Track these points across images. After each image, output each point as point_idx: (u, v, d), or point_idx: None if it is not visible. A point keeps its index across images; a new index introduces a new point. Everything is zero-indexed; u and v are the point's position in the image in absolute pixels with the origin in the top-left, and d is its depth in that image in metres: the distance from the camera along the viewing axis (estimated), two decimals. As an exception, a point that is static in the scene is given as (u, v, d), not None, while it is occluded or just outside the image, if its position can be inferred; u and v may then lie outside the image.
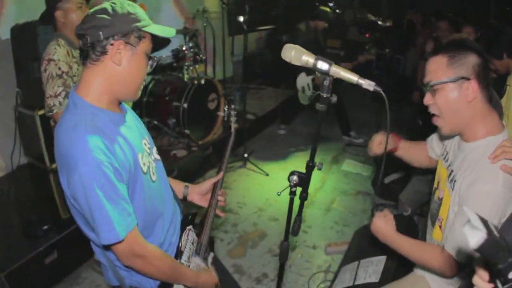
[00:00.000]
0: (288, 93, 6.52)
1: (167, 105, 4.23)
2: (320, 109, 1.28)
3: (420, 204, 3.38)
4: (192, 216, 1.68)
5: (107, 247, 1.28)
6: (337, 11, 6.71)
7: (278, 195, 1.50)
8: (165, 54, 4.59)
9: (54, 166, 3.59)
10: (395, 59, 5.84)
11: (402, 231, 2.72)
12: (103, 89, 1.28)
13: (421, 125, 5.35)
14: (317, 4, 5.11)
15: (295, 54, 1.24)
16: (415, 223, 2.96)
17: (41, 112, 3.38)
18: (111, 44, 1.24)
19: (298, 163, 4.86)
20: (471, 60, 1.44)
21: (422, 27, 6.28)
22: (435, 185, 1.81)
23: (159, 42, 1.39)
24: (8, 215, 3.25)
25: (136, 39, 1.28)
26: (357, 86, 1.25)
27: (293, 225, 1.59)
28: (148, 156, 1.41)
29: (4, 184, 3.61)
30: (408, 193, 3.28)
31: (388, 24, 4.74)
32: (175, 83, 4.40)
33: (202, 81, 4.27)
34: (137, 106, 4.22)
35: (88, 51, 1.25)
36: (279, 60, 1.31)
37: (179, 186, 1.78)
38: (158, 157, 1.51)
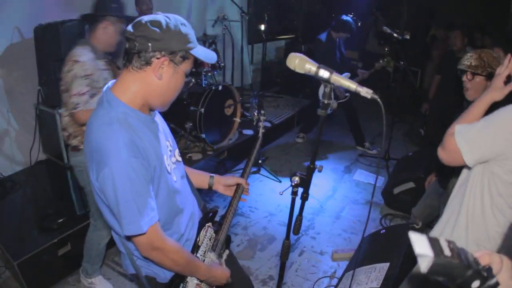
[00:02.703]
0: (306, 102, 6.60)
1: (184, 109, 4.33)
2: (321, 114, 1.37)
3: (431, 218, 3.39)
4: (212, 214, 1.77)
5: (129, 238, 1.38)
6: (359, 24, 6.78)
7: (281, 194, 1.58)
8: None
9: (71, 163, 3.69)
10: (412, 72, 5.87)
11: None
12: (138, 94, 1.35)
13: (422, 136, 5.41)
14: (338, 15, 5.12)
15: (298, 62, 1.33)
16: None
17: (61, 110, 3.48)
18: (157, 58, 1.30)
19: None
20: None
21: (442, 42, 6.30)
22: None
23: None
24: (25, 208, 3.35)
25: (180, 59, 1.34)
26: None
27: (294, 224, 1.67)
28: (170, 158, 1.50)
29: (22, 178, 3.73)
30: (421, 207, 3.31)
31: (406, 36, 4.73)
32: (193, 88, 4.51)
33: (220, 87, 4.38)
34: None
35: (133, 56, 1.31)
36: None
37: (204, 176, 1.88)
38: (179, 159, 1.61)
